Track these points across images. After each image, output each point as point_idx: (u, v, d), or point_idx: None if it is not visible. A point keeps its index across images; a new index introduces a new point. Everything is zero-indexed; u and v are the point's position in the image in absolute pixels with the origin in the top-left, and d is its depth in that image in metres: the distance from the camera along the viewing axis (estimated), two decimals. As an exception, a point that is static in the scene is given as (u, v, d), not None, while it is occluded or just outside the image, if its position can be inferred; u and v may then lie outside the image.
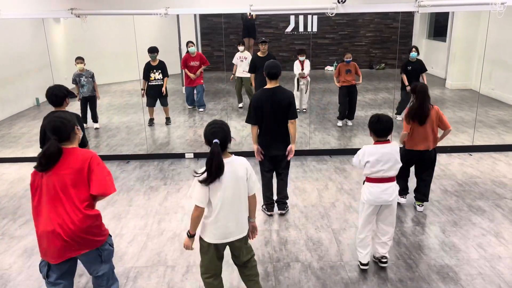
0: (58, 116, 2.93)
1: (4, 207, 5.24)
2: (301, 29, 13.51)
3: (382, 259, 3.85)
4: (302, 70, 8.61)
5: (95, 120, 8.17)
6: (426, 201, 4.97)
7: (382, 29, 14.12)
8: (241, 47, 9.18)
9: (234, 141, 3.38)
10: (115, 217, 4.90)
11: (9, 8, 6.17)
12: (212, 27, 13.38)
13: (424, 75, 7.93)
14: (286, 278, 3.77)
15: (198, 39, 11.42)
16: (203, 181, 2.83)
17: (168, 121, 8.50)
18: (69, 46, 10.05)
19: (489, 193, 5.36)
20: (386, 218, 3.77)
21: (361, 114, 8.68)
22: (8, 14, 6.17)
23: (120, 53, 9.99)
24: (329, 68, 13.91)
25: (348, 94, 7.97)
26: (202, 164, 6.30)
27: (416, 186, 4.98)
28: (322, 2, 6.04)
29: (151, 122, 8.40)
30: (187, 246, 3.06)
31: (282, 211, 4.89)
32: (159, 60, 8.16)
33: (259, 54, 8.43)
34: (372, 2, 6.17)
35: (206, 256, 3.09)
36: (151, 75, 8.13)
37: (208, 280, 3.16)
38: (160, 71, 8.15)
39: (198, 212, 2.93)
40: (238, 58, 9.21)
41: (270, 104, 4.46)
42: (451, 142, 7.00)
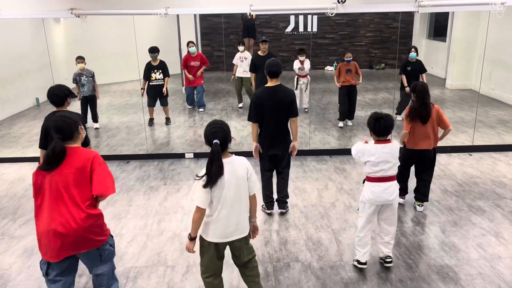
0: (63, 115, 2.98)
1: (4, 207, 5.24)
2: (301, 29, 13.53)
3: (386, 259, 3.85)
4: (302, 70, 8.61)
5: (95, 120, 8.17)
6: (426, 201, 4.97)
7: (382, 29, 14.12)
8: (241, 47, 9.17)
9: (234, 141, 3.38)
10: (115, 217, 4.90)
11: (9, 8, 6.17)
12: (212, 27, 13.38)
13: (423, 76, 7.93)
14: (286, 278, 3.77)
15: (198, 39, 11.42)
16: (205, 185, 2.84)
17: (168, 121, 8.51)
18: (69, 46, 10.04)
19: (489, 193, 5.36)
20: (388, 217, 3.77)
21: (361, 114, 8.68)
22: (8, 14, 6.17)
23: (120, 53, 9.99)
24: (329, 68, 13.91)
25: (348, 94, 7.98)
26: (202, 164, 6.30)
27: (416, 186, 4.98)
28: (322, 2, 6.04)
29: (151, 122, 8.40)
30: (189, 249, 3.06)
31: (283, 210, 4.89)
32: (160, 60, 8.16)
33: (260, 53, 8.42)
34: (372, 2, 6.17)
35: (206, 255, 3.09)
36: (152, 75, 8.14)
37: (208, 279, 3.16)
38: (160, 71, 8.15)
39: (200, 213, 2.93)
40: (238, 58, 9.20)
41: (271, 102, 4.45)
42: (451, 142, 7.01)
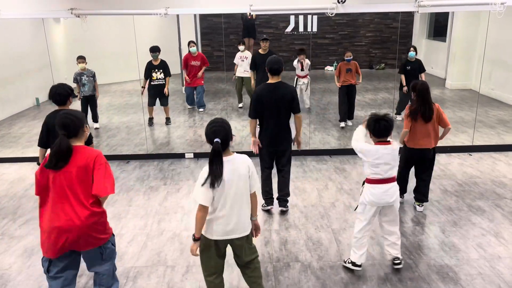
0: (69, 112, 3.00)
1: (4, 207, 5.24)
2: (301, 29, 13.52)
3: (395, 261, 3.80)
4: (302, 70, 8.62)
5: (95, 120, 8.16)
6: (426, 201, 4.96)
7: (382, 29, 14.11)
8: (241, 47, 9.18)
9: (234, 138, 3.38)
10: (115, 217, 4.90)
11: (9, 8, 6.17)
12: (212, 27, 13.38)
13: (423, 75, 7.92)
14: (286, 278, 3.77)
15: (198, 39, 11.42)
16: (210, 186, 2.83)
17: (168, 121, 8.50)
18: (69, 46, 10.04)
19: (489, 193, 5.36)
20: (389, 218, 3.75)
21: (361, 114, 8.67)
22: (8, 14, 6.17)
23: (120, 53, 9.97)
24: (329, 68, 13.90)
25: (347, 93, 7.97)
26: (202, 164, 6.30)
27: (415, 186, 4.97)
28: (322, 2, 6.04)
29: (151, 121, 8.40)
30: (192, 251, 3.03)
31: (283, 208, 4.89)
32: (161, 59, 8.16)
33: (260, 51, 8.45)
34: (372, 2, 6.17)
35: (206, 253, 3.07)
36: (153, 75, 8.14)
37: (208, 278, 3.15)
38: (161, 71, 8.16)
39: (203, 211, 2.92)
40: (239, 58, 9.21)
41: (272, 99, 4.46)
42: (451, 142, 7.01)
